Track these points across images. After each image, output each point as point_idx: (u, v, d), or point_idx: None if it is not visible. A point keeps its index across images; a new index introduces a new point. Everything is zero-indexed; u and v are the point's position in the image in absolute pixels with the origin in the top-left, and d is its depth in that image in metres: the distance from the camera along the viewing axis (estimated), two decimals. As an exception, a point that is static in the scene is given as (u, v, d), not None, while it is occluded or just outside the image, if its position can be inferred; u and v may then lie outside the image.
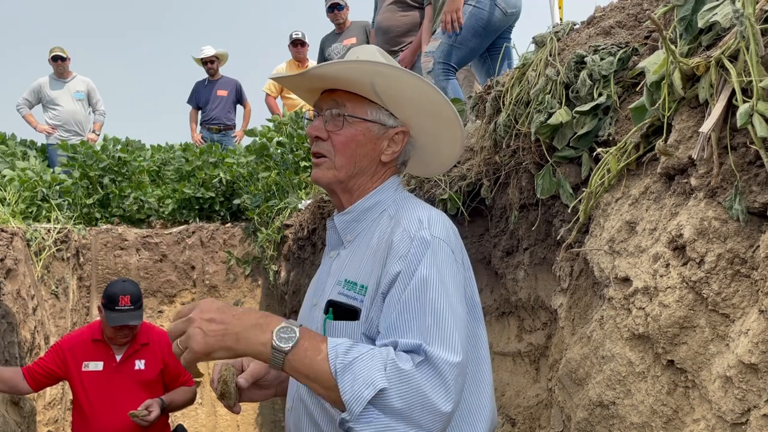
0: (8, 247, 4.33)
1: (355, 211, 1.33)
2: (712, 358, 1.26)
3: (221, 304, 1.12)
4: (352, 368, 1.04)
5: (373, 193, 1.33)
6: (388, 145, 1.33)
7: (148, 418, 2.78)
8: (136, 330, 2.98)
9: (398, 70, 1.27)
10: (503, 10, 3.54)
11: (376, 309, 1.18)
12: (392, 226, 1.25)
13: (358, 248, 1.30)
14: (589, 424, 1.59)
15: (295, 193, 5.49)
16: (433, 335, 1.09)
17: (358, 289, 1.22)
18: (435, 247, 1.18)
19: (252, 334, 1.07)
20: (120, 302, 2.84)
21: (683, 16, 1.48)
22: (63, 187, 6.01)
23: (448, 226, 1.25)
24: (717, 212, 1.27)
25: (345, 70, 1.27)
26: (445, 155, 1.44)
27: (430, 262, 1.16)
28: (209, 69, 7.47)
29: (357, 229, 1.33)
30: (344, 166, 1.30)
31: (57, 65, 6.83)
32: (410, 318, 1.12)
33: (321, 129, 1.31)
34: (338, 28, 5.90)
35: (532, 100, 2.05)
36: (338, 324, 1.22)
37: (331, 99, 1.32)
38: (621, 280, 1.54)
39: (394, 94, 1.29)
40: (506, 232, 2.44)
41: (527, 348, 2.30)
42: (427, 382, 1.05)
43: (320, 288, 1.34)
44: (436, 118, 1.34)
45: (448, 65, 3.53)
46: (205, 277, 6.03)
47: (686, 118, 1.44)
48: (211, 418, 5.74)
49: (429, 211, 1.26)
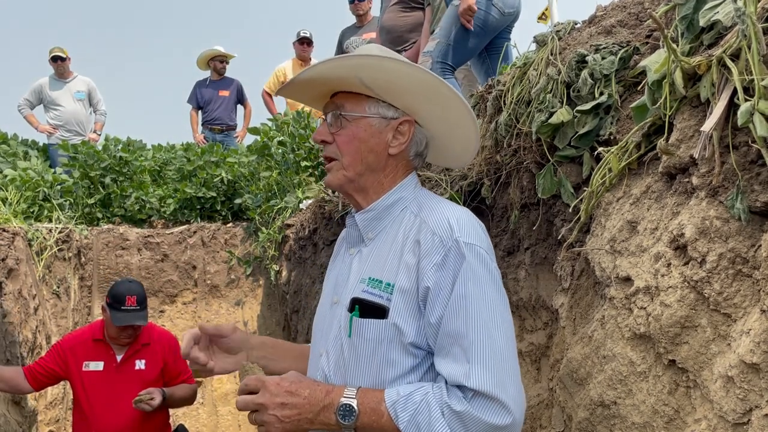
0: (10, 246, 4.34)
1: (377, 209, 1.31)
2: (713, 357, 1.25)
3: (287, 383, 1.18)
4: (416, 422, 1.12)
5: (393, 190, 1.32)
6: (394, 136, 1.31)
7: (152, 402, 2.79)
8: (139, 330, 2.98)
9: (378, 59, 1.24)
10: (500, 10, 3.54)
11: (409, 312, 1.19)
12: (417, 225, 1.23)
13: (380, 246, 1.29)
14: (590, 423, 1.59)
15: (296, 192, 5.49)
16: (477, 359, 1.12)
17: (383, 287, 1.21)
18: (471, 258, 1.17)
19: (323, 417, 1.16)
20: (126, 302, 2.85)
21: (685, 14, 1.47)
22: (64, 186, 6.02)
23: (477, 226, 1.23)
24: (718, 211, 1.26)
25: (328, 69, 1.26)
26: (462, 139, 1.39)
27: (468, 275, 1.16)
28: (219, 68, 7.46)
29: (378, 227, 1.31)
30: (351, 164, 1.29)
31: (57, 65, 6.84)
32: (452, 342, 1.15)
33: (326, 133, 1.31)
34: (359, 21, 5.85)
35: (533, 100, 2.05)
36: (365, 322, 1.21)
37: (332, 102, 1.33)
38: (622, 279, 1.54)
39: (384, 84, 1.27)
40: (507, 232, 2.44)
41: (528, 348, 2.29)
42: (484, 413, 1.10)
43: (341, 285, 1.32)
44: (433, 100, 1.30)
45: (446, 65, 3.53)
46: (207, 277, 6.04)
47: (688, 117, 1.44)
48: (213, 418, 5.74)
49: (456, 211, 1.24)
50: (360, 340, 1.21)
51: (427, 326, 1.18)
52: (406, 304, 1.19)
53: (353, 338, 1.22)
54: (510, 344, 1.16)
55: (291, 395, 1.16)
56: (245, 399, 1.18)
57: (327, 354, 1.28)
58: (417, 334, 1.18)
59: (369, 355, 1.20)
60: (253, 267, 5.99)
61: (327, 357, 1.28)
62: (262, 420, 1.17)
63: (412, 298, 1.19)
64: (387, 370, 1.19)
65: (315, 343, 1.38)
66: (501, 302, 1.19)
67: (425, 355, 1.20)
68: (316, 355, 1.34)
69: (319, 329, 1.37)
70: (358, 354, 1.22)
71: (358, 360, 1.21)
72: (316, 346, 1.36)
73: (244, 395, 1.19)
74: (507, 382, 1.12)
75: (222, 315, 5.99)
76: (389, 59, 1.24)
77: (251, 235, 6.03)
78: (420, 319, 1.18)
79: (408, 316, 1.18)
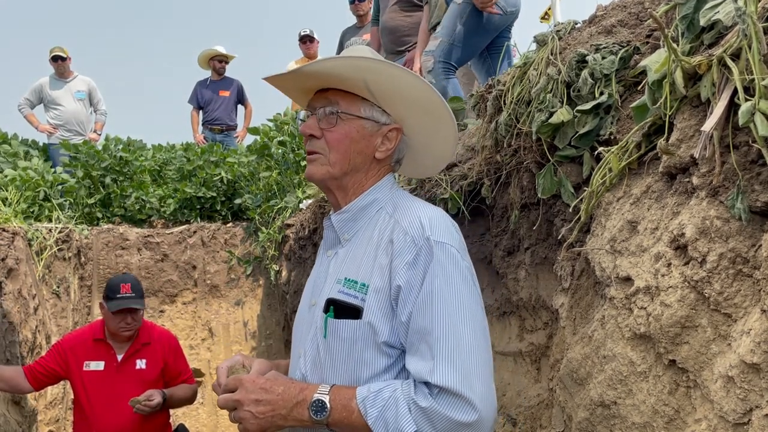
0: (10, 246, 4.34)
1: (352, 210, 1.33)
2: (713, 357, 1.25)
3: (263, 381, 1.22)
4: (383, 418, 1.13)
5: (369, 191, 1.33)
6: (382, 142, 1.33)
7: (150, 404, 2.79)
8: (138, 322, 2.97)
9: (391, 67, 1.26)
10: (503, 9, 3.54)
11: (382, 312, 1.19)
12: (392, 225, 1.25)
13: (356, 247, 1.30)
14: (590, 424, 1.59)
15: (295, 192, 5.49)
16: (442, 356, 1.13)
17: (358, 288, 1.23)
18: (441, 256, 1.18)
19: (296, 413, 1.19)
20: (121, 290, 2.88)
21: (685, 14, 1.47)
22: (65, 186, 6.02)
23: (449, 225, 1.25)
24: (719, 211, 1.26)
25: (338, 66, 1.27)
26: (438, 154, 1.44)
27: (436, 272, 1.17)
28: (219, 68, 7.47)
29: (354, 228, 1.33)
30: (338, 162, 1.30)
31: (57, 65, 6.83)
32: (419, 339, 1.16)
33: (315, 127, 1.31)
34: (359, 21, 5.86)
35: (534, 99, 2.04)
36: (340, 322, 1.22)
37: (324, 98, 1.33)
38: (622, 279, 1.54)
39: (386, 91, 1.29)
40: (507, 232, 2.44)
41: (528, 348, 2.29)
42: (448, 409, 1.11)
43: (318, 287, 1.34)
44: (429, 114, 1.33)
45: (448, 64, 3.54)
46: (207, 277, 6.03)
47: (688, 116, 1.44)
48: (213, 418, 5.74)
49: (429, 211, 1.25)
50: (335, 341, 1.23)
51: (399, 325, 1.19)
52: (379, 304, 1.20)
53: (328, 338, 1.24)
54: (479, 341, 1.16)
55: (265, 392, 1.19)
56: (225, 397, 1.22)
57: (305, 355, 1.30)
58: (390, 333, 1.20)
59: (344, 355, 1.22)
60: (253, 267, 5.99)
61: (305, 358, 1.30)
62: (238, 416, 1.20)
63: (385, 297, 1.20)
64: (362, 369, 1.21)
65: (294, 345, 1.39)
66: (471, 299, 1.19)
67: (399, 354, 1.21)
68: (295, 357, 1.36)
69: (298, 331, 1.39)
70: (333, 354, 1.23)
71: (334, 360, 1.23)
72: (295, 348, 1.38)
73: (225, 394, 1.23)
74: (473, 379, 1.12)
75: (222, 315, 5.99)
76: (402, 70, 1.27)
77: (251, 235, 6.03)
78: (393, 318, 1.20)
79: (381, 315, 1.20)
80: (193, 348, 5.85)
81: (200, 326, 5.98)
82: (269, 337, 5.91)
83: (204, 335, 5.96)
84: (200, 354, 5.88)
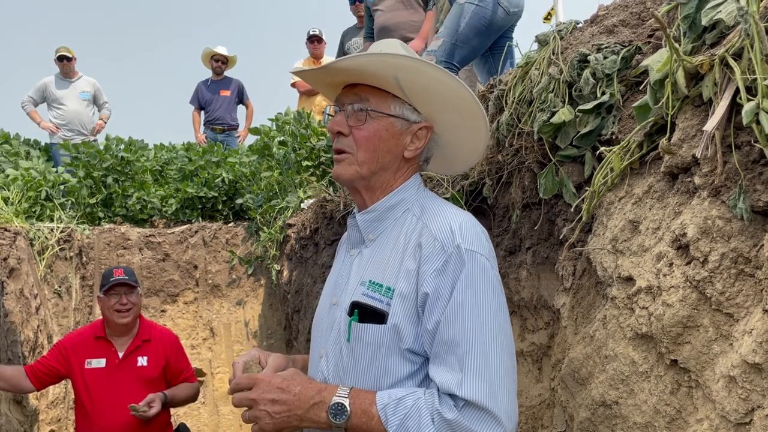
0: (11, 246, 4.34)
1: (378, 209, 1.30)
2: (715, 357, 1.25)
3: (279, 380, 1.19)
4: (405, 426, 1.11)
5: (396, 191, 1.30)
6: (411, 140, 1.30)
7: (148, 413, 2.79)
8: (135, 304, 2.96)
9: (423, 64, 1.23)
10: (506, 9, 3.54)
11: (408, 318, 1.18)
12: (419, 228, 1.22)
13: (381, 248, 1.27)
14: (591, 423, 1.59)
15: (297, 192, 5.49)
16: (470, 369, 1.11)
17: (383, 291, 1.20)
18: (471, 265, 1.15)
19: (312, 414, 1.16)
20: (114, 275, 2.95)
21: (687, 14, 1.47)
22: (66, 186, 6.03)
23: (480, 233, 1.22)
24: (721, 211, 1.26)
25: (369, 63, 1.23)
26: (467, 152, 1.40)
27: (466, 283, 1.14)
28: (217, 68, 7.49)
29: (380, 228, 1.30)
30: (367, 161, 1.27)
31: (63, 65, 6.85)
32: (447, 350, 1.14)
33: (343, 124, 1.28)
34: (360, 22, 5.86)
35: (535, 99, 2.04)
36: (364, 326, 1.20)
37: (354, 93, 1.29)
38: (624, 279, 1.53)
39: (418, 88, 1.26)
40: (509, 232, 2.44)
41: (530, 347, 2.29)
42: (474, 423, 1.10)
43: (341, 286, 1.31)
44: (460, 112, 1.30)
45: (450, 64, 3.53)
46: (208, 277, 6.04)
47: (690, 116, 1.43)
48: (214, 417, 5.74)
49: (459, 216, 1.22)
50: (359, 345, 1.21)
51: (424, 332, 1.17)
52: (405, 310, 1.18)
53: (352, 342, 1.22)
54: (505, 355, 1.15)
55: (282, 392, 1.17)
56: (239, 395, 1.20)
57: (326, 357, 1.28)
58: (415, 340, 1.18)
59: (367, 359, 1.20)
60: (254, 267, 5.99)
61: (326, 360, 1.28)
62: (253, 415, 1.18)
63: (411, 303, 1.18)
64: (385, 375, 1.19)
65: (314, 344, 1.37)
66: (499, 312, 1.17)
67: (423, 361, 1.19)
68: (315, 357, 1.33)
69: (318, 330, 1.36)
70: (356, 358, 1.21)
71: (357, 364, 1.21)
72: (315, 348, 1.36)
73: (239, 392, 1.20)
74: (499, 393, 1.11)
75: (223, 314, 5.99)
76: (434, 67, 1.24)
77: (252, 235, 6.04)
78: (418, 325, 1.17)
79: (407, 321, 1.17)
80: (194, 348, 5.85)
81: (201, 326, 5.98)
82: (270, 336, 5.91)
83: (205, 335, 5.97)
84: (201, 354, 5.89)
